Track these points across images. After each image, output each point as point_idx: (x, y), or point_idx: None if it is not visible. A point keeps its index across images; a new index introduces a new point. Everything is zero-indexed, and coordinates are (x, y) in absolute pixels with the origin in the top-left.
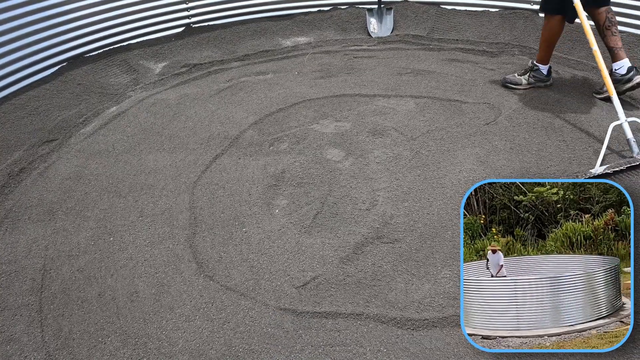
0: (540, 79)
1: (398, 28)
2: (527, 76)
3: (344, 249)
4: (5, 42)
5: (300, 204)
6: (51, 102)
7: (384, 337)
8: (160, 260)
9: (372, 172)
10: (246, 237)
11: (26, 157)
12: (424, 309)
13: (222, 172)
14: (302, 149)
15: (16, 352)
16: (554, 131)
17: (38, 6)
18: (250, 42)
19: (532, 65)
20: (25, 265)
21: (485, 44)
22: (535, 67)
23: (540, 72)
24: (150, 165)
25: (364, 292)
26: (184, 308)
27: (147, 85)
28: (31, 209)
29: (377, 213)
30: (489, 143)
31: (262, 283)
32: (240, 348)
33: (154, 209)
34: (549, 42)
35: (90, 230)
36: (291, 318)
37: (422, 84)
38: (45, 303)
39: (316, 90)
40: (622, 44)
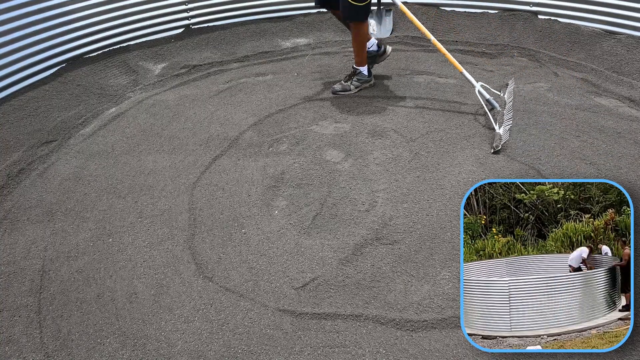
0: (364, 80)
1: (397, 29)
2: (353, 81)
3: (343, 250)
4: (5, 43)
5: (299, 205)
6: (50, 103)
7: (383, 339)
8: (159, 261)
9: (372, 174)
10: (245, 238)
11: (25, 158)
12: (423, 310)
13: (222, 173)
14: (302, 150)
15: (15, 353)
16: (554, 131)
17: (37, 7)
18: (249, 44)
19: (354, 70)
20: (24, 266)
21: (484, 46)
22: (358, 70)
23: (362, 74)
24: (149, 166)
25: (363, 293)
26: (183, 309)
27: (147, 86)
28: (30, 210)
29: (376, 214)
30: (489, 144)
31: (261, 284)
32: (239, 349)
33: (153, 210)
34: (364, 45)
35: (90, 231)
36: (290, 319)
37: (421, 86)
38: (44, 304)
39: (315, 91)
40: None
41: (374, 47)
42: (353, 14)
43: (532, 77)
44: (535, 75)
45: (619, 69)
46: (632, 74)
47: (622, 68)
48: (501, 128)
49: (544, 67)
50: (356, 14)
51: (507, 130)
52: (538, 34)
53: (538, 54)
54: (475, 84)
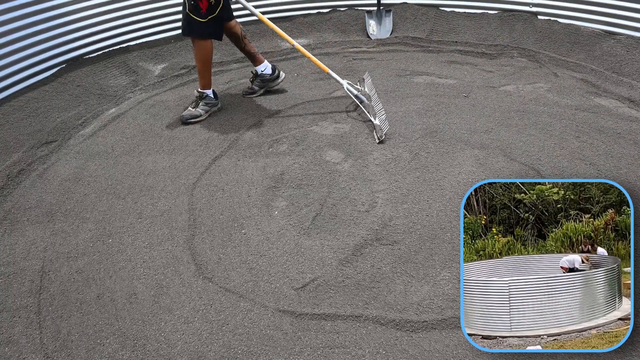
0: (212, 103)
1: (397, 30)
2: (200, 105)
3: (343, 250)
4: (5, 43)
5: (299, 206)
6: (50, 104)
7: (383, 339)
8: (159, 262)
9: (371, 174)
10: (245, 239)
11: (25, 159)
12: (423, 310)
13: (221, 174)
14: (302, 151)
15: (14, 353)
16: (554, 132)
17: (37, 8)
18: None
19: (200, 94)
20: (24, 266)
21: (484, 46)
22: (204, 94)
23: (209, 97)
24: (149, 167)
25: (363, 294)
26: (183, 310)
27: (147, 86)
28: (30, 211)
29: (376, 215)
30: (488, 145)
31: (261, 285)
32: (239, 350)
33: (153, 211)
34: (207, 66)
35: (89, 231)
36: (290, 320)
37: (421, 86)
38: (44, 305)
39: (315, 92)
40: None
41: (267, 71)
42: (192, 29)
43: (532, 78)
44: (535, 75)
45: (619, 70)
46: (631, 74)
47: (621, 68)
48: (377, 119)
49: (544, 67)
50: (196, 30)
51: (384, 120)
52: (538, 34)
53: (538, 54)
54: (342, 82)
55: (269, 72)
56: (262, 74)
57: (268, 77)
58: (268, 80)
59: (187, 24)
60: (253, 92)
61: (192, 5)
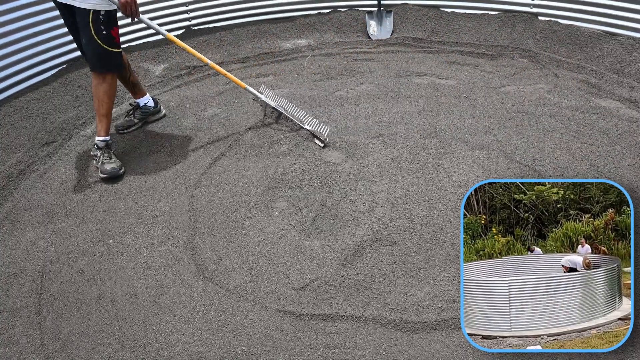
0: (150, 111)
1: (398, 30)
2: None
3: (344, 251)
4: (5, 44)
5: (299, 206)
6: (51, 104)
7: (383, 340)
8: (159, 262)
9: (372, 175)
10: (246, 239)
11: (26, 159)
12: (423, 311)
13: (222, 174)
14: (302, 151)
15: (15, 354)
16: (554, 133)
17: (38, 8)
18: (250, 45)
19: (135, 104)
20: (25, 267)
21: (484, 47)
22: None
23: (146, 107)
24: (149, 167)
25: (363, 294)
26: (183, 310)
27: (147, 87)
28: (30, 211)
29: (376, 215)
30: (489, 146)
31: (261, 285)
32: (239, 350)
33: (154, 211)
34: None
35: (90, 232)
36: (290, 320)
37: (421, 87)
38: (44, 305)
39: (316, 92)
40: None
41: (150, 103)
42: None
43: (532, 79)
44: (536, 76)
45: (620, 71)
46: (632, 75)
47: (622, 69)
48: (307, 125)
49: (544, 68)
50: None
51: (319, 123)
52: (538, 35)
53: (538, 55)
54: (260, 95)
55: (151, 104)
56: (145, 106)
57: (151, 110)
58: (150, 113)
59: (99, 59)
60: (131, 125)
61: (104, 37)
